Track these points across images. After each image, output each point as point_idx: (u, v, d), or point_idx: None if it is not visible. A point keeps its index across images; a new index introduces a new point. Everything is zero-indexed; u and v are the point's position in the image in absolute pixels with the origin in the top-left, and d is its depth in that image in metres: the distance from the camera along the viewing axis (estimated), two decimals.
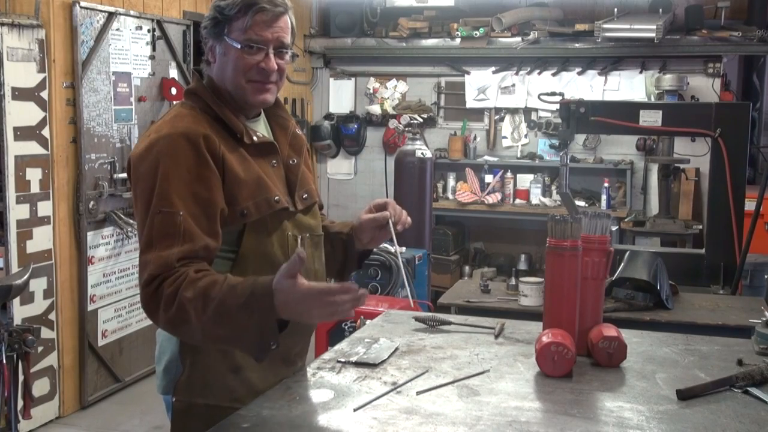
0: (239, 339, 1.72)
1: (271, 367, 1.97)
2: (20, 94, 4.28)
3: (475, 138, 7.29)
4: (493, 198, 6.98)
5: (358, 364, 2.03)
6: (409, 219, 2.18)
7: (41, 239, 4.45)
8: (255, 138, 1.97)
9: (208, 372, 1.92)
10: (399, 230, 2.15)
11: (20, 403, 3.48)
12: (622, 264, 3.55)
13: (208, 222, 1.83)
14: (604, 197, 6.81)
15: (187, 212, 1.80)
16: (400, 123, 7.28)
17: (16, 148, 4.28)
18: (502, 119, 7.25)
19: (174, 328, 1.80)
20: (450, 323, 2.41)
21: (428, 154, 5.94)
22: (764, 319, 2.27)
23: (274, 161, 2.01)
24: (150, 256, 1.78)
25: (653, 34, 6.14)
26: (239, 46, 1.92)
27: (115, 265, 5.03)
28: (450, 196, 7.27)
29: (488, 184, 7.07)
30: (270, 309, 1.66)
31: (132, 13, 5.07)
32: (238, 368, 1.93)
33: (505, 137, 7.25)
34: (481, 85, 7.19)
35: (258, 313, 1.67)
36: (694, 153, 6.10)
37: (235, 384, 1.93)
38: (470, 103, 7.25)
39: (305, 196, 2.06)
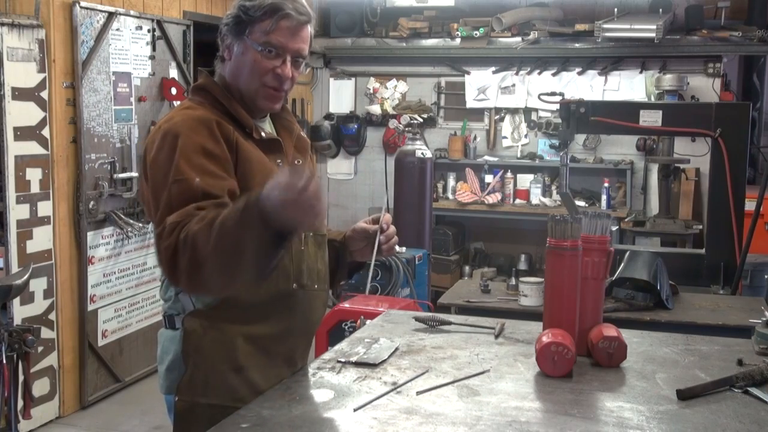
0: (240, 259, 1.67)
1: (274, 367, 1.98)
2: (20, 94, 4.28)
3: (475, 138, 7.29)
4: (493, 198, 6.98)
5: (358, 364, 2.03)
6: (396, 246, 2.16)
7: (41, 239, 4.45)
8: (263, 134, 1.99)
9: (210, 372, 1.93)
10: (384, 249, 2.12)
11: (20, 403, 3.49)
12: (622, 264, 3.55)
13: (221, 194, 1.82)
14: (604, 197, 6.81)
15: (203, 182, 1.80)
16: (400, 123, 7.28)
17: (16, 148, 4.28)
18: (502, 119, 7.25)
19: (191, 279, 1.73)
20: (450, 323, 2.41)
21: (428, 154, 5.93)
22: (764, 319, 2.27)
23: (279, 160, 2.02)
24: (170, 217, 1.76)
25: (653, 34, 6.14)
26: (259, 49, 1.92)
27: (115, 265, 5.03)
28: (450, 196, 7.27)
29: (488, 184, 7.07)
30: (262, 215, 1.62)
31: (132, 13, 5.07)
32: (241, 368, 1.93)
33: (505, 137, 7.25)
34: (481, 85, 7.19)
35: (253, 223, 1.63)
36: (694, 153, 6.10)
37: (238, 384, 1.93)
38: (470, 103, 7.25)
39: None
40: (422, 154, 5.85)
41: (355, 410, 1.74)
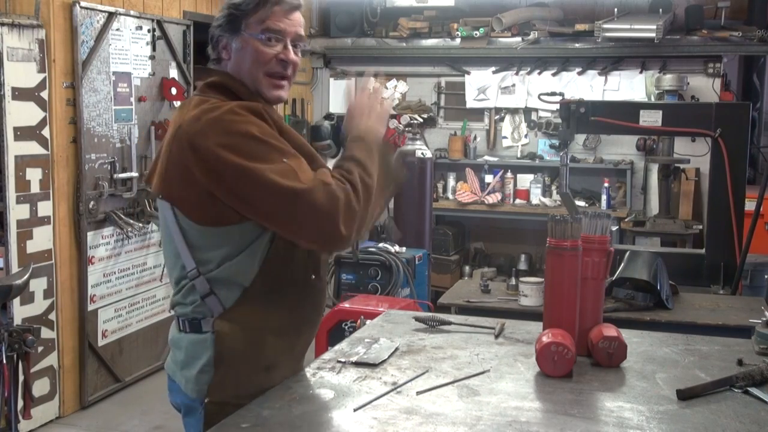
0: (389, 188, 2.03)
1: (297, 361, 2.02)
2: (20, 94, 4.28)
3: (475, 138, 7.29)
4: (493, 198, 6.97)
5: (358, 364, 2.03)
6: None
7: (41, 239, 4.45)
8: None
9: (241, 372, 1.90)
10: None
11: (20, 403, 3.49)
12: (622, 264, 3.55)
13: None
14: (604, 197, 6.81)
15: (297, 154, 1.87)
16: (400, 123, 7.26)
17: (16, 148, 4.28)
18: (502, 119, 7.25)
19: (363, 219, 1.86)
20: (450, 323, 2.41)
21: (428, 154, 5.94)
22: (764, 319, 2.27)
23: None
24: (318, 177, 1.81)
25: (653, 34, 6.14)
26: (260, 37, 1.93)
27: (115, 265, 5.03)
28: (450, 196, 7.27)
29: (488, 184, 7.07)
30: (378, 145, 1.99)
31: (132, 13, 5.07)
32: (269, 366, 1.93)
33: (505, 137, 7.25)
34: (481, 85, 7.19)
35: (377, 151, 1.98)
36: (694, 153, 6.10)
37: (267, 383, 1.92)
38: (470, 103, 7.25)
39: None
40: (422, 154, 5.85)
41: (355, 410, 1.74)
